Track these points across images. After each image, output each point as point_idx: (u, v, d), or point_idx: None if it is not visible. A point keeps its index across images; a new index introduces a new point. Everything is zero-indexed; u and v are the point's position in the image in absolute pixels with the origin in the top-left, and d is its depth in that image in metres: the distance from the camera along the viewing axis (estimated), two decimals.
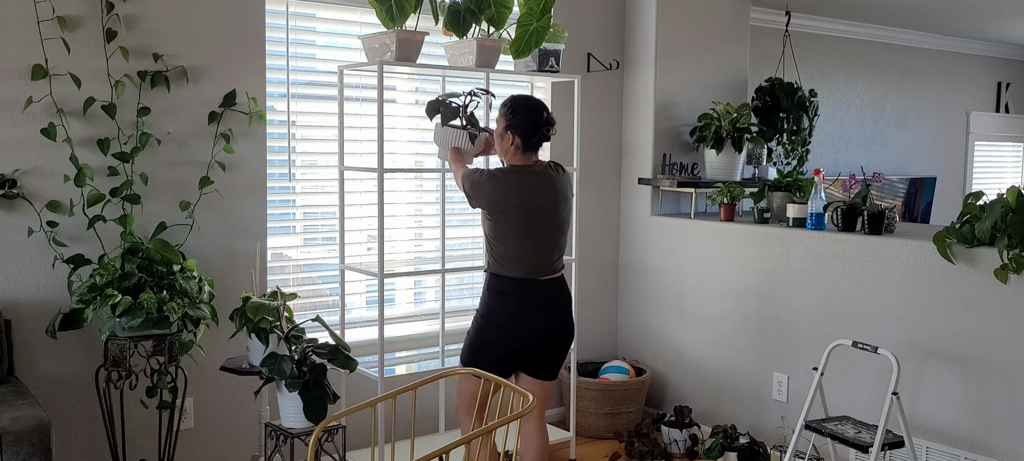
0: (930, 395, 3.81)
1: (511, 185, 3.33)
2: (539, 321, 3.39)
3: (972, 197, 3.69)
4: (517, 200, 3.31)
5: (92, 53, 3.50)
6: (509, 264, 3.36)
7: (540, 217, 3.35)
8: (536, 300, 3.38)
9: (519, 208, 3.32)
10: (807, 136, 5.53)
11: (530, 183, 3.34)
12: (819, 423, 3.64)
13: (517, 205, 3.32)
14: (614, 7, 5.05)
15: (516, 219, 3.32)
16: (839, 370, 4.07)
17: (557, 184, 3.40)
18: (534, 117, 3.33)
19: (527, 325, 3.38)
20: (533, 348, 3.41)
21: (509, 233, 3.33)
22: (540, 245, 3.36)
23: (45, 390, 3.51)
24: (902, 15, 6.61)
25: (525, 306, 3.38)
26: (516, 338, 3.39)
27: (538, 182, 3.35)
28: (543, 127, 3.33)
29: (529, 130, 3.32)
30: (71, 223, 3.51)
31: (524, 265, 3.35)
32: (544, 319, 3.40)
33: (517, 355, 3.41)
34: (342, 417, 2.96)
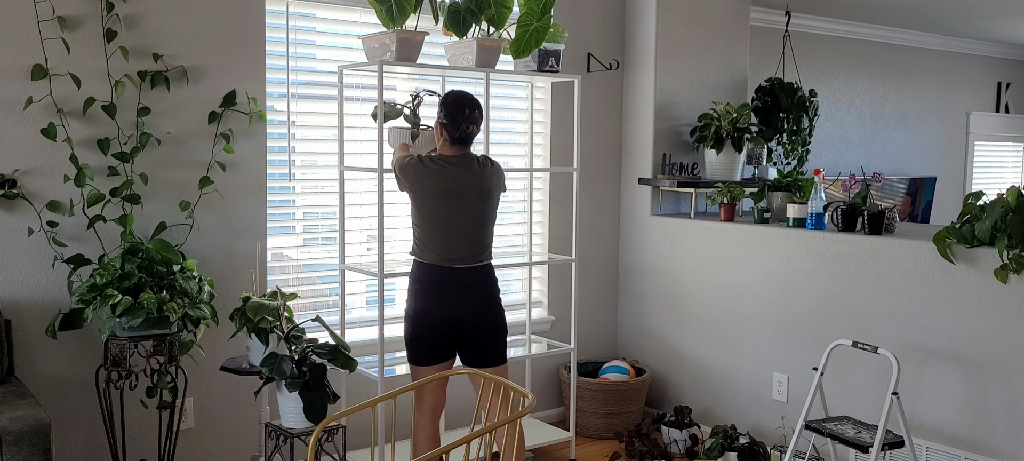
0: (930, 395, 3.81)
1: (432, 172, 3.44)
2: (450, 307, 3.46)
3: (972, 197, 3.69)
4: (435, 186, 3.43)
5: (92, 53, 3.50)
6: (424, 250, 3.48)
7: (458, 206, 3.44)
8: (448, 287, 3.46)
9: (437, 194, 3.43)
10: (807, 136, 5.53)
11: (453, 173, 3.44)
12: (819, 423, 3.64)
13: (435, 191, 3.43)
14: (614, 7, 5.05)
15: (433, 203, 3.44)
16: (839, 370, 4.07)
17: (481, 177, 3.49)
18: (458, 112, 3.43)
19: (438, 312, 3.46)
20: (448, 335, 3.48)
21: (425, 218, 3.46)
22: (457, 233, 3.45)
23: (45, 390, 3.51)
24: (902, 15, 6.61)
25: (434, 293, 3.47)
26: (430, 326, 3.47)
27: (461, 172, 3.45)
28: (463, 123, 3.43)
29: (452, 124, 3.43)
30: (71, 223, 3.51)
31: (438, 252, 3.45)
32: (456, 305, 3.46)
33: (434, 342, 3.49)
34: (342, 417, 2.96)
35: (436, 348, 3.50)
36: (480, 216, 3.50)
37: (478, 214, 3.49)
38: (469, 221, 3.47)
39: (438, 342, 3.49)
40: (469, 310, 3.48)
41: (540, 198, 4.91)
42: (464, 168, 3.46)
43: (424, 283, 3.48)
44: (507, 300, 4.90)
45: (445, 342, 3.50)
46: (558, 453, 4.55)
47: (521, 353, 4.53)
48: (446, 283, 3.46)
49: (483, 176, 3.49)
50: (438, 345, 3.50)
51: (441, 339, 3.49)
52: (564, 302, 4.93)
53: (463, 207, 3.45)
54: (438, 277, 3.46)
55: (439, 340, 3.49)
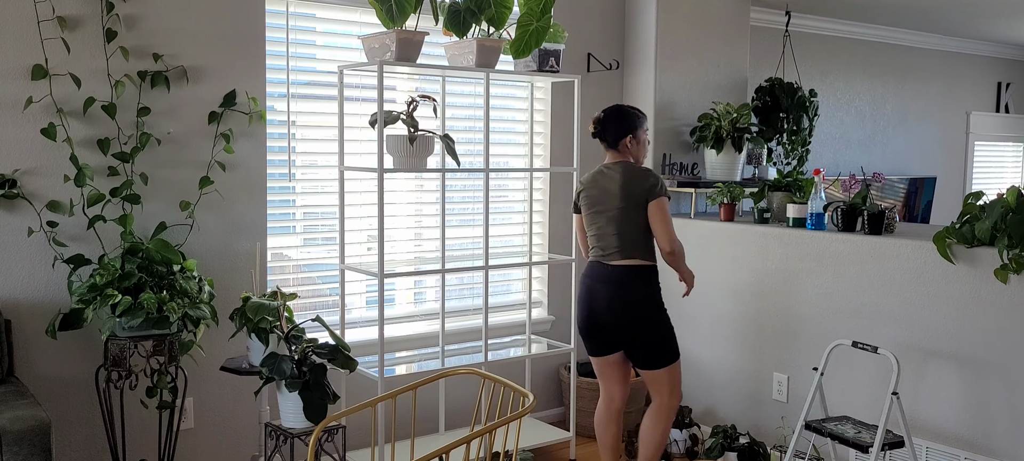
0: (930, 395, 3.81)
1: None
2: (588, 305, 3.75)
3: (972, 197, 3.69)
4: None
5: (92, 53, 3.50)
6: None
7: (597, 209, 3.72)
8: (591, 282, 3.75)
9: (581, 201, 3.81)
10: (807, 136, 5.53)
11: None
12: (819, 423, 3.64)
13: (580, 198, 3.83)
14: (614, 7, 5.06)
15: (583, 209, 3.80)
16: (839, 370, 4.07)
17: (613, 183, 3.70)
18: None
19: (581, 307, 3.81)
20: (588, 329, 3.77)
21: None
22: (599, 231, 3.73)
23: (45, 390, 3.51)
24: (902, 15, 6.61)
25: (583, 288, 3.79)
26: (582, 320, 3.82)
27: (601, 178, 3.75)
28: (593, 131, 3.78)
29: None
30: (71, 223, 3.51)
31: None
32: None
33: (586, 334, 3.79)
34: (342, 417, 2.96)
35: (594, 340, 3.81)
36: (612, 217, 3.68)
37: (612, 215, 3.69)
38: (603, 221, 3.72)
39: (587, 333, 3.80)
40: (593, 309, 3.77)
41: (540, 198, 4.91)
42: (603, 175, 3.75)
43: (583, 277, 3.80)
44: (507, 300, 4.92)
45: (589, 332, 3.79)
46: (558, 453, 4.55)
47: (521, 353, 4.54)
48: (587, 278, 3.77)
49: (616, 181, 3.70)
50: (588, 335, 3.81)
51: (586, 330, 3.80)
52: (564, 302, 4.93)
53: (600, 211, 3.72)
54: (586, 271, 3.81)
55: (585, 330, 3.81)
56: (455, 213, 4.71)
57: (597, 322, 3.70)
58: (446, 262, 4.29)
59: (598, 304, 3.68)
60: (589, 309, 3.72)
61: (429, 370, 4.08)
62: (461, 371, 3.33)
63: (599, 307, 3.68)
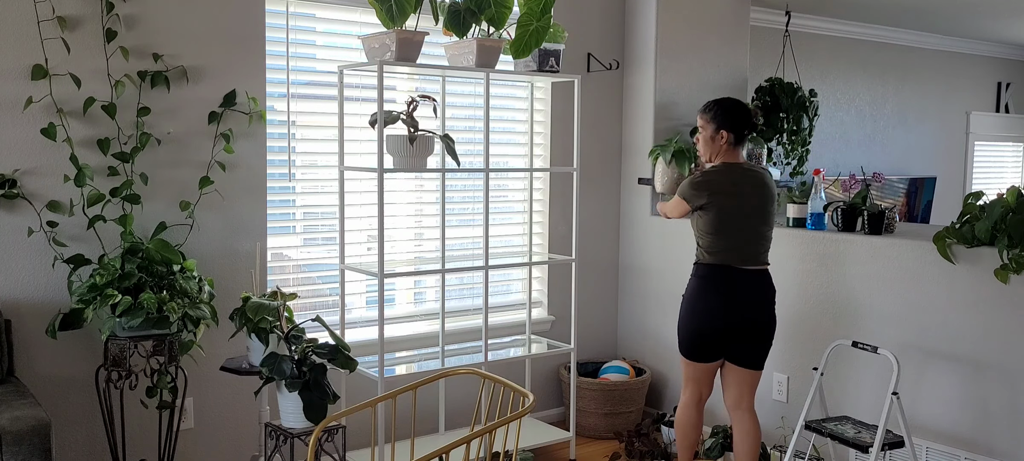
0: (930, 395, 3.81)
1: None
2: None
3: (972, 197, 3.69)
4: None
5: (92, 53, 3.50)
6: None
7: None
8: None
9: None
10: (807, 136, 5.53)
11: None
12: (819, 423, 3.64)
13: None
14: (614, 7, 5.06)
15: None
16: (839, 370, 4.07)
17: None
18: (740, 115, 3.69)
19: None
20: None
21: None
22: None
23: (45, 390, 3.51)
24: (902, 15, 6.61)
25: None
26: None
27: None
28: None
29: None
30: (71, 223, 3.51)
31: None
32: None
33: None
34: (342, 417, 2.96)
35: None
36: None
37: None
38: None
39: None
40: (742, 316, 3.68)
41: (540, 198, 4.91)
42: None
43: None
44: (507, 300, 4.92)
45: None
46: (558, 453, 4.55)
47: (521, 353, 4.54)
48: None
49: (762, 181, 3.68)
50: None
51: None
52: (564, 302, 4.93)
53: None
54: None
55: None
56: (455, 213, 4.71)
57: (740, 326, 3.61)
58: (446, 262, 4.29)
59: (749, 314, 3.61)
60: (739, 318, 3.60)
61: (429, 370, 4.08)
62: (461, 371, 3.33)
63: (749, 316, 3.61)
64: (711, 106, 3.67)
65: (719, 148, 3.64)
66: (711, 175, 3.62)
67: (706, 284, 3.64)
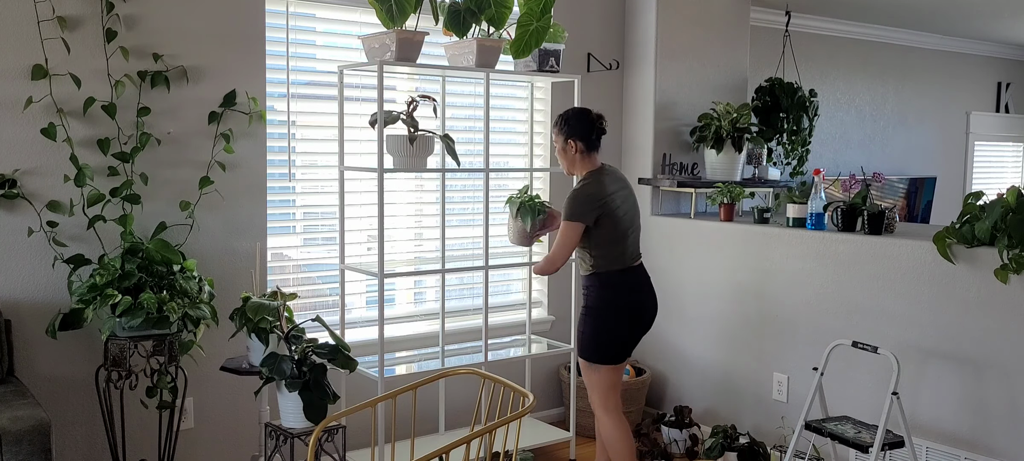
0: (930, 395, 3.81)
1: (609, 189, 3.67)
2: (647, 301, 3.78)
3: (972, 197, 3.69)
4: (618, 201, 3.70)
5: (92, 53, 3.50)
6: (620, 258, 3.69)
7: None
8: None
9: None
10: (807, 136, 5.53)
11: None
12: (819, 423, 3.64)
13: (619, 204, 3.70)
14: (614, 7, 5.06)
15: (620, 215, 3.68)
16: (839, 370, 4.07)
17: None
18: (588, 124, 3.69)
19: (648, 305, 3.80)
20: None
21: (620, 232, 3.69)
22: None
23: (45, 390, 3.51)
24: (902, 15, 6.61)
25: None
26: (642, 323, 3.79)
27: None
28: (595, 133, 3.71)
29: (588, 136, 3.70)
30: (71, 223, 3.51)
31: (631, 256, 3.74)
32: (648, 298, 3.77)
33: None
34: (342, 417, 2.96)
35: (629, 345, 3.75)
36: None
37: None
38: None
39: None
40: (653, 302, 3.75)
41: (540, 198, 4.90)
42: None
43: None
44: (507, 300, 4.92)
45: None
46: (558, 453, 4.55)
47: (521, 353, 4.54)
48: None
49: (628, 185, 3.75)
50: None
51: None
52: (564, 302, 4.93)
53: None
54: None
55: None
56: (455, 213, 4.71)
57: (645, 327, 3.74)
58: (446, 262, 4.29)
59: (650, 308, 3.73)
60: (645, 315, 3.71)
61: (429, 370, 4.08)
62: (461, 371, 3.33)
63: (651, 311, 3.73)
64: (557, 120, 3.71)
65: (573, 159, 3.67)
66: (590, 187, 3.60)
67: (621, 289, 3.64)
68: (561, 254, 3.62)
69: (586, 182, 3.63)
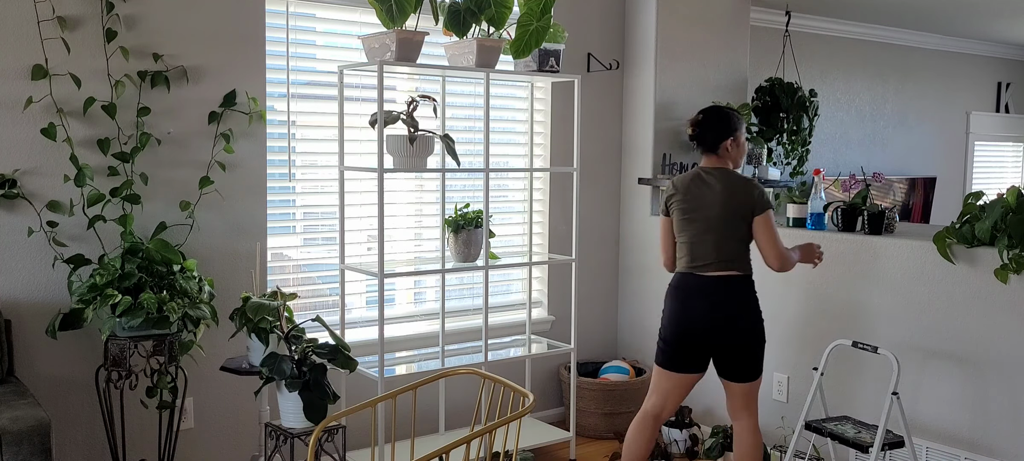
0: (930, 395, 3.81)
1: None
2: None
3: (972, 197, 3.69)
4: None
5: (92, 53, 3.50)
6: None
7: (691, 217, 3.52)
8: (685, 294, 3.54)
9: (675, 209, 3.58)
10: (807, 136, 5.53)
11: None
12: (819, 423, 3.64)
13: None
14: (614, 7, 5.06)
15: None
16: (839, 370, 4.07)
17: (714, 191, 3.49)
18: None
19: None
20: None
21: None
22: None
23: (45, 390, 3.51)
24: (902, 15, 6.62)
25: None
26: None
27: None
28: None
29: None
30: (71, 223, 3.51)
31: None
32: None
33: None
34: (342, 417, 2.96)
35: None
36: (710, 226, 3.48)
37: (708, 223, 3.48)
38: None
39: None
40: (703, 317, 3.49)
41: (540, 198, 4.91)
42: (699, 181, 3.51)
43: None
44: (507, 300, 4.92)
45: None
46: (558, 453, 4.55)
47: (521, 353, 4.54)
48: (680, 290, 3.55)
49: (715, 190, 3.47)
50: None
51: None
52: (564, 302, 4.93)
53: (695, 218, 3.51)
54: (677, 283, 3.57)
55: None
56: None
57: (691, 338, 3.48)
58: (446, 262, 4.29)
59: (694, 319, 3.47)
60: (685, 324, 3.48)
61: (429, 370, 4.08)
62: (461, 371, 3.33)
63: (695, 321, 3.46)
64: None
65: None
66: (674, 180, 3.60)
67: (672, 292, 3.57)
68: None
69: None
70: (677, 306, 3.51)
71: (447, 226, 4.17)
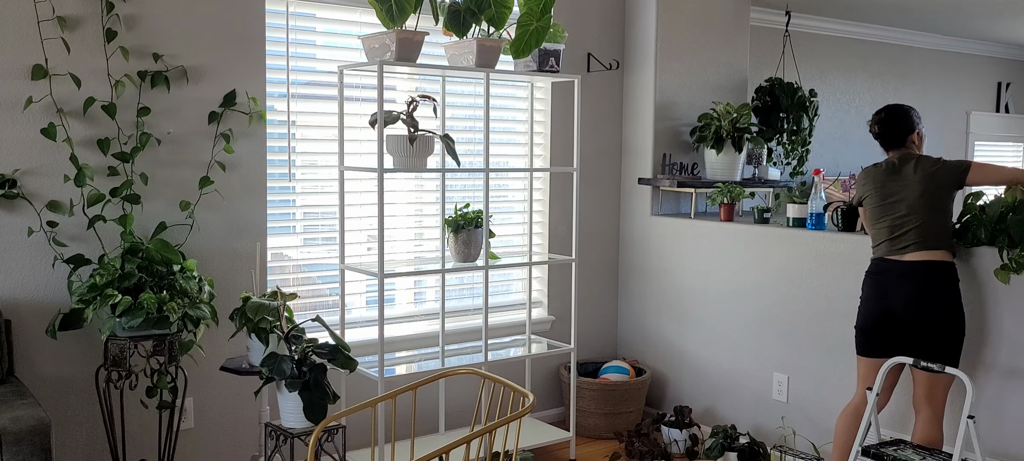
0: None
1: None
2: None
3: (972, 197, 3.69)
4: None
5: (92, 53, 3.50)
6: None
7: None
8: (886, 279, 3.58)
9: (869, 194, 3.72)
10: (807, 136, 5.53)
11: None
12: (877, 449, 3.33)
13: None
14: (614, 7, 5.06)
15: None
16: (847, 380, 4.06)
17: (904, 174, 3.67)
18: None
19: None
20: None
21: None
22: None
23: (45, 390, 3.51)
24: (902, 15, 6.61)
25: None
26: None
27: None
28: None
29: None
30: (71, 223, 3.51)
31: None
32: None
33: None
34: (342, 417, 2.96)
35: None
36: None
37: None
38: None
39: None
40: (900, 302, 3.52)
41: (540, 198, 4.91)
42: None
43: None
44: (507, 300, 4.92)
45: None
46: (558, 453, 4.55)
47: (521, 353, 4.54)
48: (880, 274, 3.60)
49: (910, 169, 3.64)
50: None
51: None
52: (564, 302, 4.93)
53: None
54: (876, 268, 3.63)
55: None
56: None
57: (890, 322, 3.49)
58: (446, 262, 4.29)
59: (891, 307, 3.49)
60: (880, 312, 3.51)
61: (429, 370, 4.08)
62: (461, 371, 3.33)
63: (891, 310, 3.49)
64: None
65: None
66: (869, 171, 3.85)
67: (869, 278, 3.67)
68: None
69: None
70: (876, 289, 3.56)
71: (447, 226, 4.18)
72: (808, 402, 4.26)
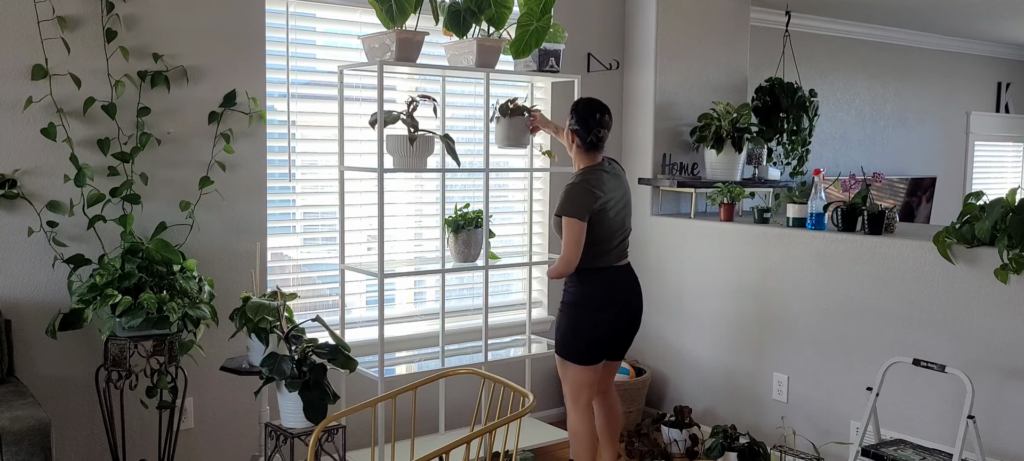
0: (928, 396, 3.80)
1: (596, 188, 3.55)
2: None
3: (972, 197, 3.69)
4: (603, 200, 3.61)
5: (92, 53, 3.50)
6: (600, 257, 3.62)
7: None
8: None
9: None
10: (807, 136, 5.53)
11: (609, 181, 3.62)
12: (877, 449, 3.41)
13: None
14: (614, 7, 5.05)
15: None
16: (843, 379, 4.06)
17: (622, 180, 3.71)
18: (590, 117, 3.55)
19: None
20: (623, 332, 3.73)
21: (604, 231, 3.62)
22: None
23: (45, 390, 3.51)
24: (902, 15, 6.61)
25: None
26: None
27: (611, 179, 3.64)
28: (595, 127, 3.55)
29: (584, 130, 3.56)
30: (71, 223, 3.51)
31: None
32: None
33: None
34: (342, 417, 2.96)
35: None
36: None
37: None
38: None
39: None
40: (636, 305, 3.71)
41: (540, 198, 4.91)
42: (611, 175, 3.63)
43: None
44: (507, 300, 4.92)
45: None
46: (558, 453, 4.55)
47: (521, 353, 4.53)
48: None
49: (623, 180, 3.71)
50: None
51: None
52: None
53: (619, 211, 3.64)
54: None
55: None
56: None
57: (626, 329, 3.69)
58: (446, 262, 4.29)
59: (632, 311, 3.69)
60: (625, 317, 3.66)
61: (429, 370, 4.08)
62: (461, 371, 3.33)
63: (632, 314, 3.70)
64: (572, 105, 3.61)
65: (573, 149, 3.61)
66: (582, 185, 3.51)
67: (600, 288, 3.62)
68: (573, 252, 3.48)
69: (579, 179, 3.54)
70: (619, 300, 3.68)
71: (447, 226, 4.18)
72: (808, 402, 4.26)
